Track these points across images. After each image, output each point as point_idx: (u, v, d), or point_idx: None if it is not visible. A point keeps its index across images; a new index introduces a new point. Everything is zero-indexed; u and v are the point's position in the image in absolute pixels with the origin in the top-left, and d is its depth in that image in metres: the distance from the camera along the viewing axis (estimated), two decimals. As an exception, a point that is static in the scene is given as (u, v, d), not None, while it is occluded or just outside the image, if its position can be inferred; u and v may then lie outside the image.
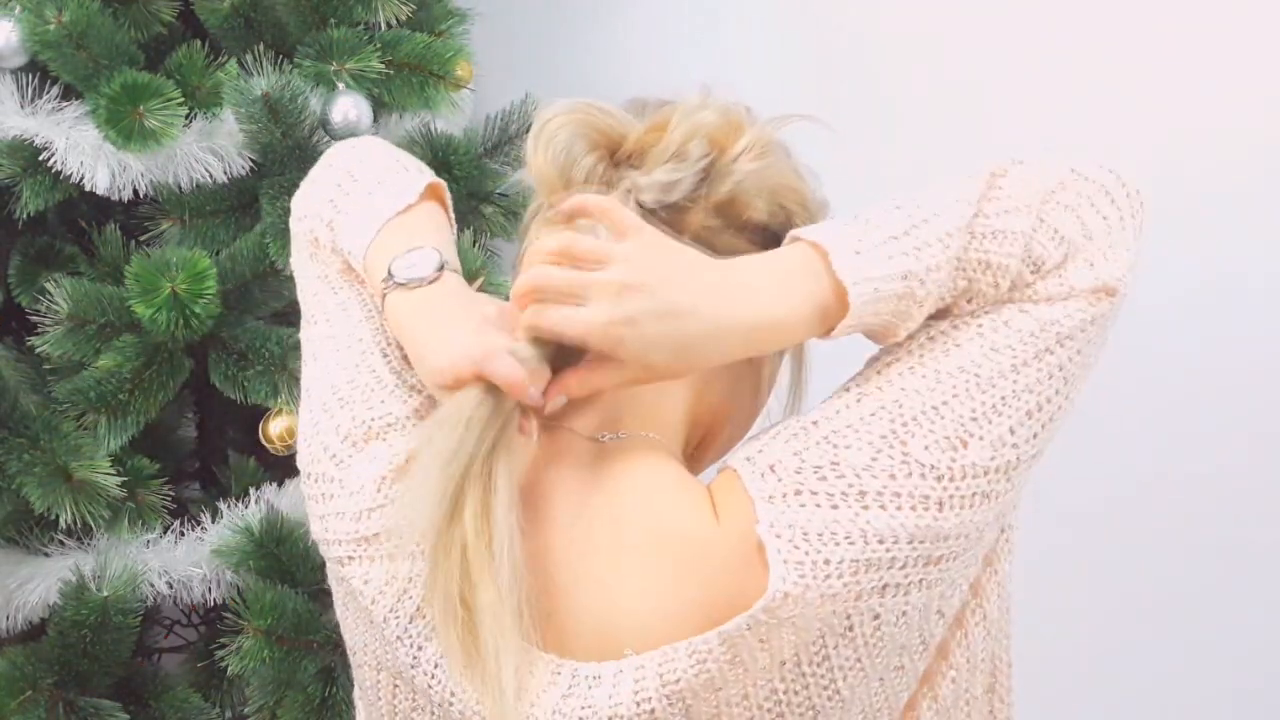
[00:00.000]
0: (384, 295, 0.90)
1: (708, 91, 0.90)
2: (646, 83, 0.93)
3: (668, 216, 0.87)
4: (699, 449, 0.95)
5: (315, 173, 1.05)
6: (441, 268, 0.89)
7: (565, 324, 0.81)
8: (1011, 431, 0.82)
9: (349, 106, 1.70)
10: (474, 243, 1.79)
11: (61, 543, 1.68)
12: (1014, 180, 0.86)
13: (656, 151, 0.87)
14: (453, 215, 1.02)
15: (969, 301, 0.85)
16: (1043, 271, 0.84)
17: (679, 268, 0.82)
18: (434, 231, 0.95)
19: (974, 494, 0.81)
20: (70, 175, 1.63)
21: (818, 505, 0.80)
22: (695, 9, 2.16)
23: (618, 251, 0.81)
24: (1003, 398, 0.83)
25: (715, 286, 0.82)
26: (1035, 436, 0.84)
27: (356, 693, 0.95)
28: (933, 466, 0.81)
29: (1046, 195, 0.86)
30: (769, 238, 0.90)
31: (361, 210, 0.96)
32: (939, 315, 0.87)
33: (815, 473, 0.81)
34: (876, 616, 0.81)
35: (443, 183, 1.00)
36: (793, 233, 0.85)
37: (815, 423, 0.84)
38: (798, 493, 0.81)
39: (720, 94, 0.91)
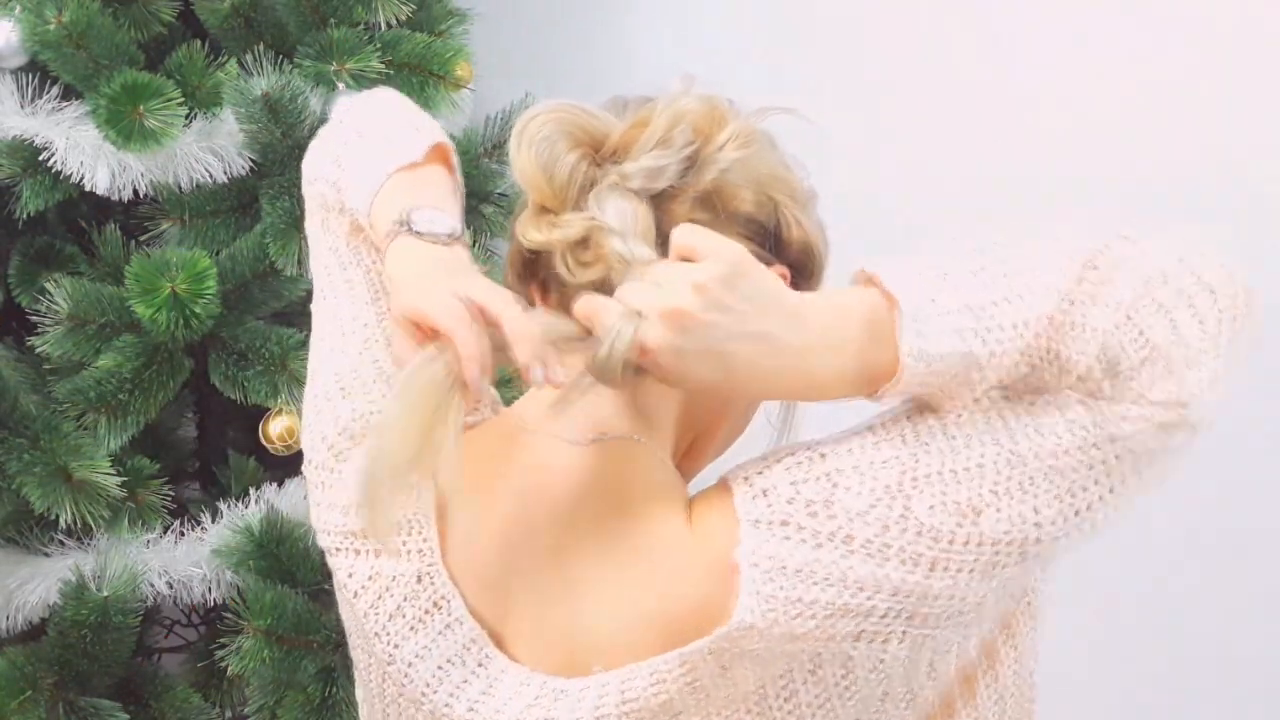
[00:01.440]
0: (392, 237, 0.88)
1: (690, 81, 0.88)
2: (647, 82, 0.92)
3: (654, 206, 0.86)
4: (690, 453, 0.94)
5: (324, 131, 1.03)
6: (457, 235, 0.88)
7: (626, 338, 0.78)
8: (1035, 511, 0.78)
9: (349, 106, 1.70)
10: (474, 243, 1.80)
11: (61, 543, 1.68)
12: (1112, 266, 0.79)
13: (641, 141, 0.85)
14: (460, 179, 0.99)
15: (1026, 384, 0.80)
16: (1115, 373, 0.77)
17: (749, 312, 0.78)
18: (447, 198, 0.93)
19: (976, 561, 0.78)
20: (70, 175, 1.64)
21: (802, 541, 0.78)
22: (696, 8, 2.16)
23: (698, 274, 0.78)
24: (1031, 477, 0.78)
25: (778, 340, 0.78)
26: (1064, 520, 0.78)
27: (356, 671, 0.96)
28: (932, 528, 0.78)
29: (1143, 289, 0.78)
30: (757, 229, 0.88)
31: (366, 164, 0.95)
32: None
33: (806, 507, 0.79)
34: (848, 660, 0.79)
35: (450, 144, 0.98)
36: (867, 271, 0.80)
37: (823, 455, 0.81)
38: (784, 523, 0.79)
39: (702, 87, 0.89)
